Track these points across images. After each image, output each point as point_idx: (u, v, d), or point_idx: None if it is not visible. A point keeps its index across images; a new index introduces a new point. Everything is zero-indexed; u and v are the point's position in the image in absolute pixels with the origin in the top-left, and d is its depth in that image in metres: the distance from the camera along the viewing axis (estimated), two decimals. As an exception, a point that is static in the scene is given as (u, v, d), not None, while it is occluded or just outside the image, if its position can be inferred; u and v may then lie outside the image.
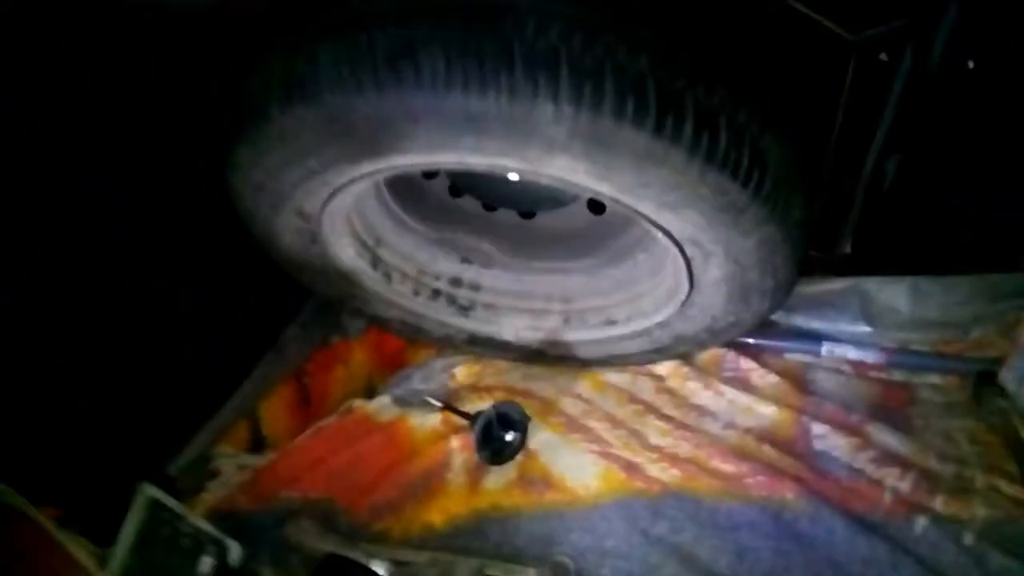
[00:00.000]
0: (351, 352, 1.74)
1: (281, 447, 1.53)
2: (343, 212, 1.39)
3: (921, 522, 1.31)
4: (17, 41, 1.12)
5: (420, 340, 1.74)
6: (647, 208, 1.14)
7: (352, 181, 1.23)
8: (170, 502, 1.22)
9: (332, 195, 1.28)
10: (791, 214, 1.18)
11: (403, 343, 1.79)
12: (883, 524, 1.31)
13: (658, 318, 1.48)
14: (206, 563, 1.23)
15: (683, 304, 1.40)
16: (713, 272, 1.26)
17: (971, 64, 1.31)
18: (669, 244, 1.25)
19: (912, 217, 1.63)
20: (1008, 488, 1.37)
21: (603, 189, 1.11)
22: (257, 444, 1.54)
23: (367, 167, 1.17)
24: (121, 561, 1.15)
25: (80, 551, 1.15)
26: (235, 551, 1.25)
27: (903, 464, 1.41)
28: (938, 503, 1.34)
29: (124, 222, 1.31)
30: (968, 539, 1.28)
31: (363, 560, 1.12)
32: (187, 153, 1.30)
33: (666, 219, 1.16)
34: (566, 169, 1.08)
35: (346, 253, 1.49)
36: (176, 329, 1.46)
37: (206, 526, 1.25)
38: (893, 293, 1.70)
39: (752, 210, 1.12)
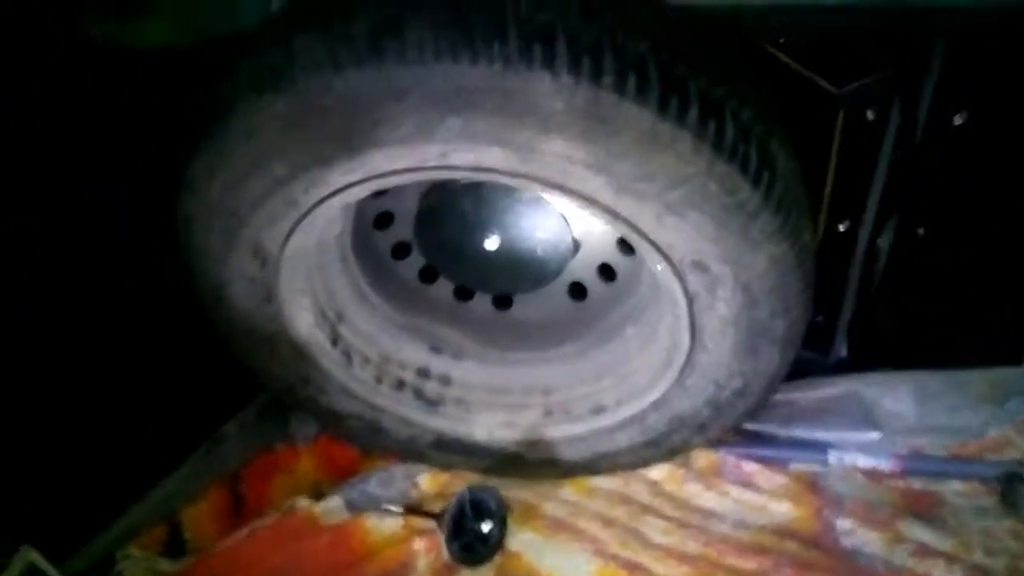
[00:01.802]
0: (297, 459, 1.50)
1: (203, 552, 1.25)
2: (304, 263, 1.25)
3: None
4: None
5: (379, 447, 1.52)
6: (648, 216, 1.03)
7: (319, 202, 1.11)
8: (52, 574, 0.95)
9: (295, 226, 1.15)
10: (802, 234, 1.08)
11: (356, 455, 1.56)
12: (942, 615, 1.08)
13: (653, 396, 1.31)
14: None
15: (683, 367, 1.24)
16: (720, 309, 1.13)
17: (958, 120, 1.30)
18: (668, 283, 1.13)
19: (908, 308, 1.56)
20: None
21: (601, 188, 1.01)
22: (175, 548, 1.26)
23: (338, 173, 1.06)
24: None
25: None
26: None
27: (947, 558, 1.21)
28: (999, 594, 1.12)
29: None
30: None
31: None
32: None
33: (669, 231, 1.05)
34: (562, 158, 0.98)
35: (303, 320, 1.32)
36: (101, 403, 1.24)
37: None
38: (897, 397, 1.57)
39: (763, 217, 1.02)
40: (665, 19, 1.03)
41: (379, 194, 1.23)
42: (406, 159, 1.03)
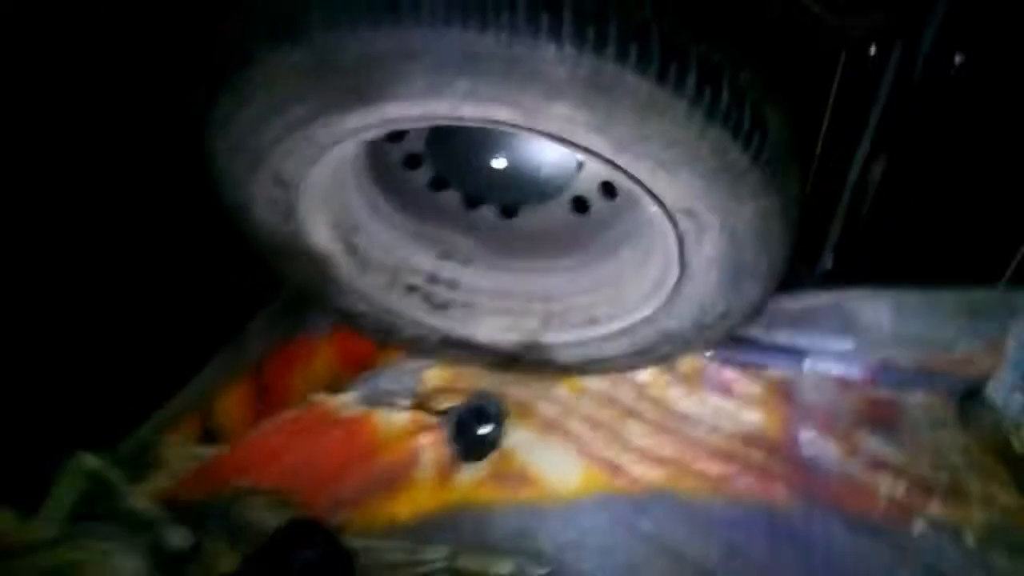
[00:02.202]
0: (316, 351, 1.64)
1: (234, 439, 1.41)
2: (322, 186, 1.32)
3: (919, 524, 1.25)
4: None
5: (390, 342, 1.65)
6: (643, 170, 1.10)
7: (336, 142, 1.18)
8: (112, 476, 1.10)
9: (313, 161, 1.22)
10: (788, 186, 1.15)
11: (372, 346, 1.69)
12: (881, 525, 1.24)
13: (644, 313, 1.42)
14: (139, 543, 1.11)
15: (671, 293, 1.34)
16: (706, 250, 1.22)
17: (958, 60, 1.32)
18: (661, 222, 1.21)
19: (894, 229, 1.63)
20: (1004, 495, 1.32)
21: (600, 145, 1.07)
22: (208, 436, 1.43)
23: (354, 119, 1.12)
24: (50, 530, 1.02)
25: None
26: (176, 537, 1.13)
27: (895, 471, 1.36)
28: (934, 507, 1.28)
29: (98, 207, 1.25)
30: (969, 541, 1.22)
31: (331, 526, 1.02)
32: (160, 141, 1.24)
33: (662, 184, 1.12)
34: (564, 119, 1.04)
35: (321, 234, 1.42)
36: (136, 310, 1.36)
37: (146, 508, 1.13)
38: (876, 309, 1.68)
39: (752, 175, 1.09)
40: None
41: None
42: (418, 110, 1.09)
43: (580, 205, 1.50)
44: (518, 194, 1.52)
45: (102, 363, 1.32)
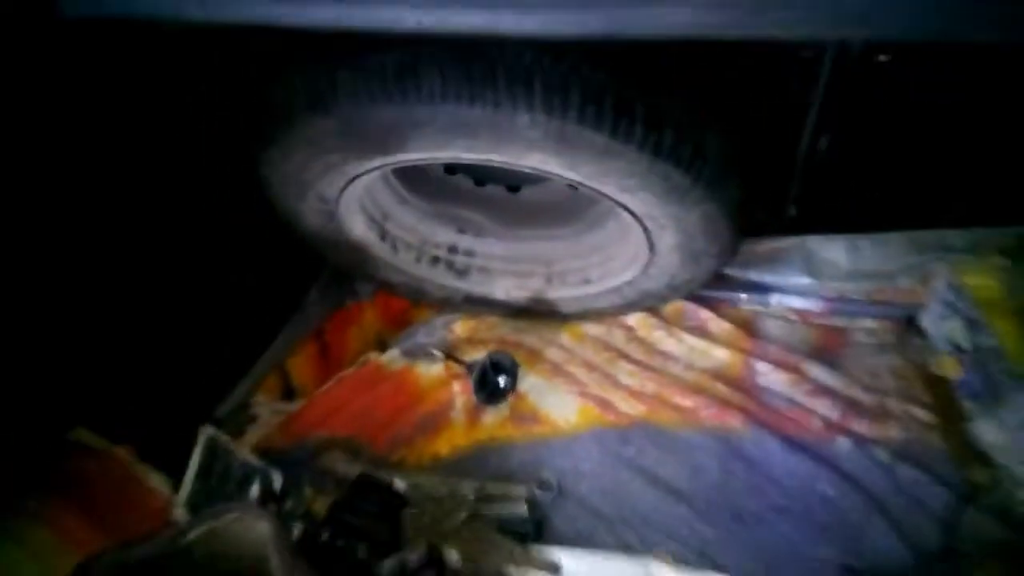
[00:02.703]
0: (363, 313, 2.00)
1: (308, 395, 1.79)
2: (356, 195, 1.63)
3: (843, 442, 1.59)
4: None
5: (422, 301, 2.00)
6: (610, 190, 1.39)
7: (365, 172, 1.48)
8: (223, 440, 1.49)
9: (348, 183, 1.52)
10: (728, 194, 1.43)
11: (407, 304, 2.04)
12: (812, 445, 1.58)
13: (626, 277, 1.74)
14: (255, 489, 1.50)
15: (646, 266, 1.65)
16: (667, 239, 1.52)
17: (883, 59, 1.54)
18: (630, 221, 1.50)
19: (846, 183, 1.88)
20: (921, 414, 1.65)
21: (572, 176, 1.36)
22: (287, 393, 1.81)
23: (378, 162, 1.41)
24: (188, 489, 1.42)
25: (156, 481, 1.42)
26: (277, 479, 1.52)
27: (833, 395, 1.69)
28: (860, 426, 1.62)
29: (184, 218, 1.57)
30: (883, 456, 1.56)
31: (387, 479, 1.39)
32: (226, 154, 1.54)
33: (626, 199, 1.41)
34: (541, 161, 1.33)
35: (358, 228, 1.74)
36: (220, 298, 1.70)
37: (252, 459, 1.51)
38: (833, 249, 1.96)
39: (695, 191, 1.37)
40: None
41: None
42: (427, 157, 1.38)
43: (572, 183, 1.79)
44: (520, 175, 1.81)
45: (201, 339, 1.68)
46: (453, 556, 1.33)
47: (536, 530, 1.45)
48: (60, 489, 1.35)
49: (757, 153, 1.62)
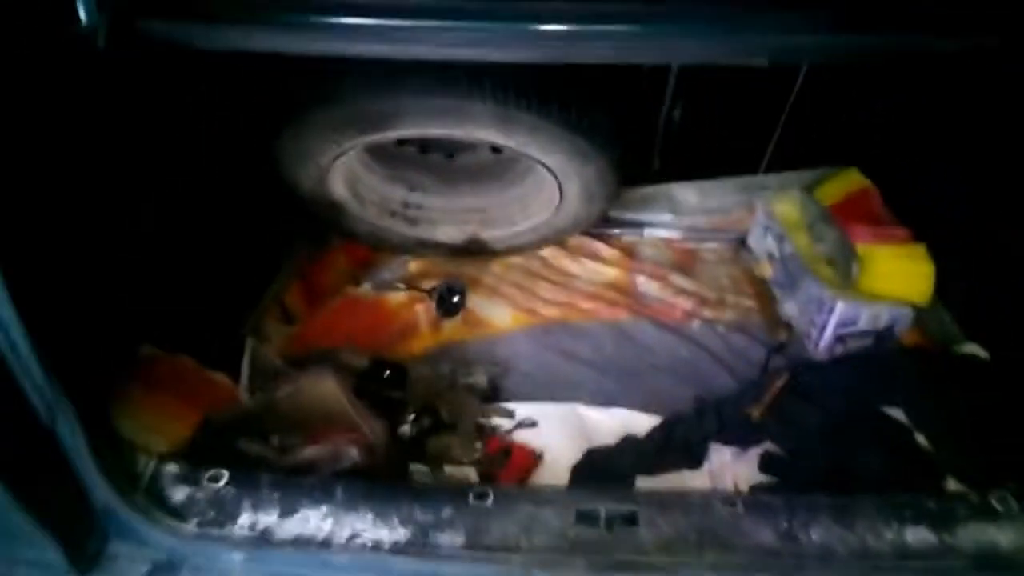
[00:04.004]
0: (336, 257, 2.54)
1: (301, 320, 2.33)
2: (342, 165, 2.18)
3: (696, 324, 2.29)
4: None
5: (382, 247, 2.56)
6: (535, 153, 2.00)
7: (356, 147, 2.03)
8: (259, 348, 2.02)
9: (340, 154, 2.07)
10: (614, 153, 2.07)
11: (369, 250, 2.59)
12: (674, 326, 2.28)
13: (542, 218, 2.37)
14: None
15: (557, 208, 2.29)
16: (572, 188, 2.16)
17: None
18: (546, 173, 2.13)
19: (695, 142, 2.57)
20: (746, 302, 2.38)
21: (510, 144, 1.97)
22: (287, 318, 2.34)
23: (368, 139, 1.98)
24: (245, 381, 1.95)
25: (218, 377, 1.94)
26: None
27: (688, 294, 2.39)
28: (706, 313, 2.33)
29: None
30: (721, 329, 2.27)
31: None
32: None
33: (545, 159, 2.03)
34: (487, 135, 1.93)
35: (338, 188, 2.28)
36: (237, 250, 2.21)
37: (280, 363, 2.06)
38: (687, 192, 2.66)
39: (592, 153, 2.01)
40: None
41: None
42: (408, 133, 1.96)
43: (496, 150, 2.39)
44: (454, 144, 2.41)
45: (226, 281, 2.18)
46: (443, 412, 1.94)
47: (494, 393, 2.07)
48: (152, 383, 1.83)
49: (631, 123, 2.28)
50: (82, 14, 1.26)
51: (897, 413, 1.76)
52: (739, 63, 1.37)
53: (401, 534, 1.35)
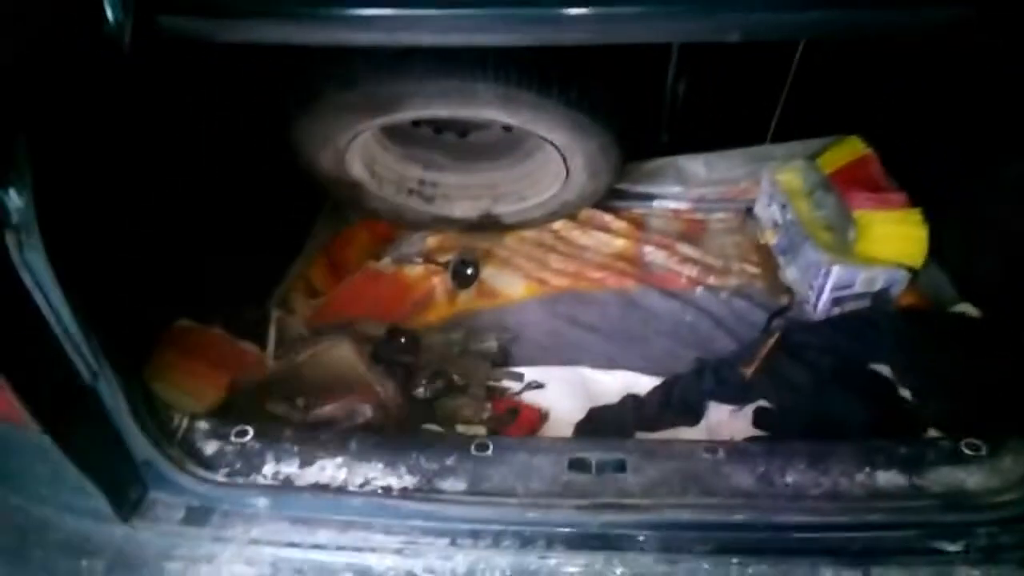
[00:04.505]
0: (357, 234, 2.68)
1: (327, 293, 2.47)
2: (359, 145, 2.30)
3: (700, 290, 2.39)
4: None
5: (400, 223, 2.69)
6: (539, 130, 2.11)
7: (369, 128, 2.16)
8: (286, 318, 2.17)
9: (355, 137, 2.20)
10: (616, 129, 2.16)
11: (388, 225, 2.72)
12: (679, 293, 2.38)
13: (550, 193, 2.47)
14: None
15: (564, 183, 2.39)
16: (577, 162, 2.25)
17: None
18: (553, 149, 2.23)
19: (702, 116, 2.64)
20: (750, 268, 2.47)
21: (514, 122, 2.07)
22: (312, 292, 2.48)
23: (380, 120, 2.10)
24: (271, 349, 2.09)
25: (247, 346, 2.09)
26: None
27: (694, 262, 2.48)
28: (711, 279, 2.42)
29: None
30: (724, 296, 2.36)
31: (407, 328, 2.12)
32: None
33: (550, 135, 2.13)
34: (493, 114, 2.03)
35: (356, 168, 2.41)
36: (266, 228, 2.35)
37: (305, 331, 2.20)
38: (694, 164, 2.73)
39: (594, 129, 2.10)
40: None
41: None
42: (419, 114, 2.07)
43: (507, 128, 2.50)
44: (467, 124, 2.52)
45: (254, 259, 2.33)
46: (455, 376, 2.06)
47: (504, 358, 2.19)
48: (186, 351, 1.99)
49: (639, 99, 2.37)
50: (109, 14, 1.39)
51: (883, 369, 1.84)
52: (712, 40, 1.44)
53: (408, 481, 1.48)
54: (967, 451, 1.47)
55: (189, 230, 2.03)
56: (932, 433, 1.70)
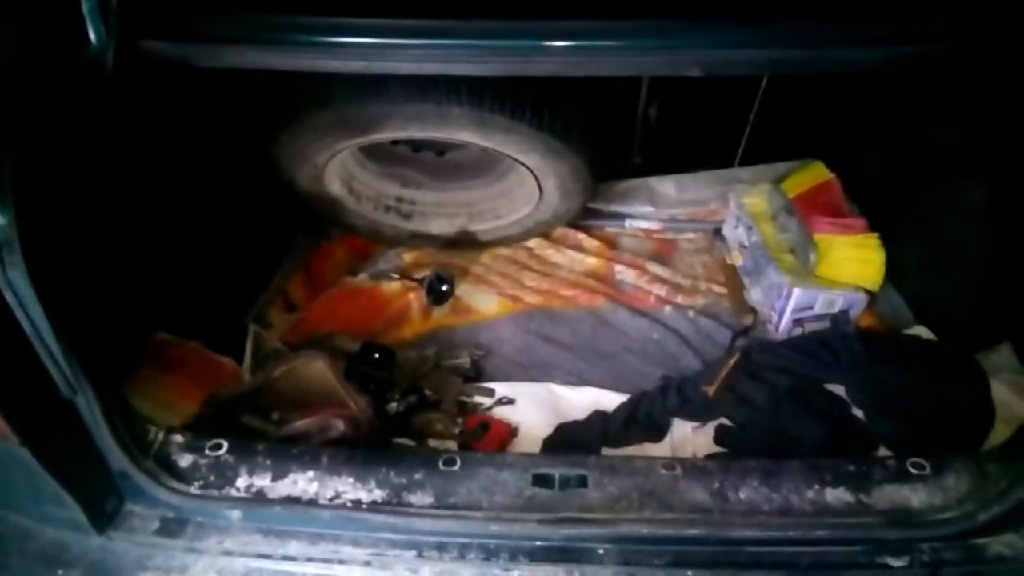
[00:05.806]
0: (335, 249, 2.72)
1: (304, 308, 2.52)
2: (337, 163, 2.35)
3: (668, 309, 2.45)
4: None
5: (378, 239, 2.74)
6: (512, 152, 2.17)
7: (347, 148, 2.21)
8: (263, 334, 2.21)
9: (333, 156, 2.25)
10: (587, 151, 2.23)
11: (366, 242, 2.77)
12: (648, 312, 2.44)
13: (525, 212, 2.54)
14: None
15: (537, 203, 2.45)
16: (550, 183, 2.32)
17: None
18: (527, 170, 2.30)
19: (672, 139, 2.72)
20: (717, 288, 2.54)
21: (487, 144, 2.14)
22: (289, 307, 2.53)
23: (358, 141, 2.15)
24: (248, 363, 2.14)
25: (224, 360, 2.13)
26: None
27: (663, 281, 2.55)
28: (679, 299, 2.49)
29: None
30: (691, 315, 2.43)
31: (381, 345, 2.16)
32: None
33: (522, 158, 2.20)
34: (467, 136, 2.10)
35: (334, 186, 2.46)
36: (243, 244, 2.40)
37: (281, 346, 2.25)
38: (666, 185, 2.82)
39: (565, 151, 2.17)
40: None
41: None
42: (394, 135, 2.13)
43: (484, 148, 2.55)
44: (444, 143, 2.57)
45: (232, 274, 2.37)
46: (427, 391, 2.12)
47: (476, 374, 2.24)
48: (164, 365, 2.03)
49: (611, 123, 2.45)
50: (92, 36, 1.43)
51: (838, 388, 1.92)
52: (675, 74, 1.51)
53: (377, 495, 1.53)
54: (912, 470, 1.54)
55: (168, 245, 2.08)
56: (882, 452, 1.77)
